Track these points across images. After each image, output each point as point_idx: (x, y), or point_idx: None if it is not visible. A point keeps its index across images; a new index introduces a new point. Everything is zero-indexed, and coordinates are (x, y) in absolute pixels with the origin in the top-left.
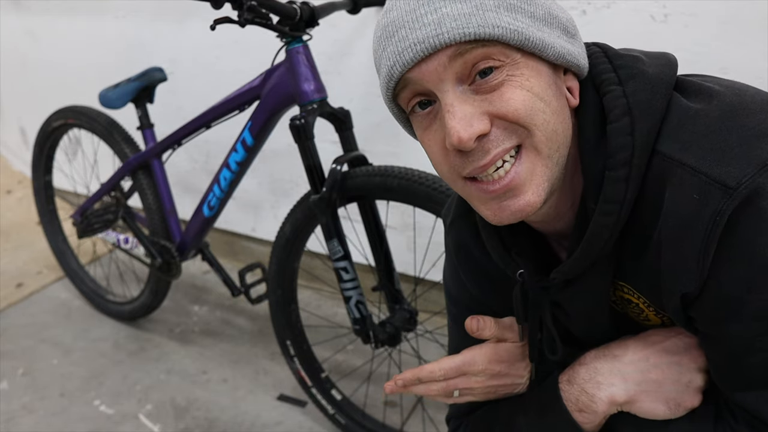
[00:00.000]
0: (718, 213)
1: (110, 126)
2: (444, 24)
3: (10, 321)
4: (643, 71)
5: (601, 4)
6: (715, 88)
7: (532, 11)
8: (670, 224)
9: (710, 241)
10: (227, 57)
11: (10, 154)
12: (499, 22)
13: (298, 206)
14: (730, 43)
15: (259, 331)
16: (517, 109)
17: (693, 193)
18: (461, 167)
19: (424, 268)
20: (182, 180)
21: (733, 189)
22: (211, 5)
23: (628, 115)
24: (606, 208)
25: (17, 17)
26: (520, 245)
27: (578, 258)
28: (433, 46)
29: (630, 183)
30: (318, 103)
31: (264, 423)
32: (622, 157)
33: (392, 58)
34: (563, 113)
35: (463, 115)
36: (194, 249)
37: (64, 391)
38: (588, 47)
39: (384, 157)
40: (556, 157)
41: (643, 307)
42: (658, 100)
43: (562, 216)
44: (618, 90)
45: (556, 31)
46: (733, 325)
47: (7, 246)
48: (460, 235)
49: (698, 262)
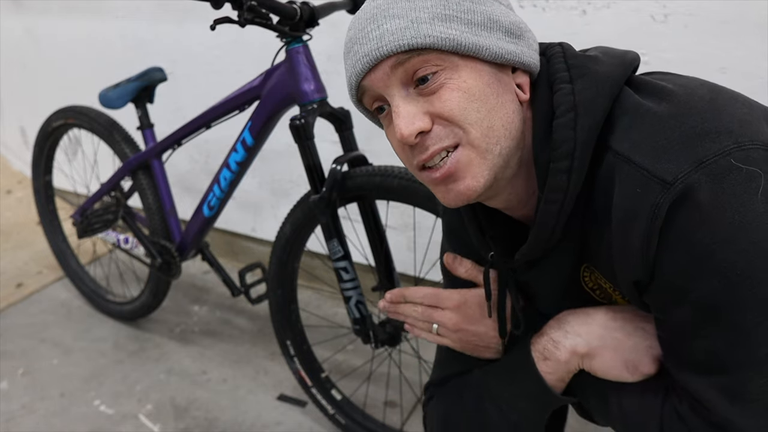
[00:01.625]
0: (657, 206)
1: (110, 126)
2: (384, 38)
3: (10, 321)
4: (594, 70)
5: (601, 4)
6: (668, 87)
7: (469, 18)
8: (618, 216)
9: (651, 232)
10: (227, 57)
11: (10, 154)
12: (432, 32)
13: (298, 206)
14: (730, 43)
15: (259, 331)
16: (452, 109)
17: (636, 188)
18: (411, 159)
19: (424, 268)
20: (182, 180)
21: (669, 184)
22: (211, 5)
23: (572, 111)
24: (550, 196)
25: (17, 17)
26: (495, 229)
27: (532, 242)
28: (376, 58)
29: (572, 174)
30: (318, 103)
31: (264, 423)
32: (564, 150)
33: (350, 70)
34: (505, 108)
35: (406, 114)
36: (194, 249)
37: (64, 391)
38: (551, 47)
39: (384, 157)
40: (497, 149)
41: (610, 291)
42: (603, 98)
43: (524, 202)
44: (567, 87)
45: (496, 33)
46: (677, 312)
47: (7, 246)
48: (450, 220)
49: (642, 251)
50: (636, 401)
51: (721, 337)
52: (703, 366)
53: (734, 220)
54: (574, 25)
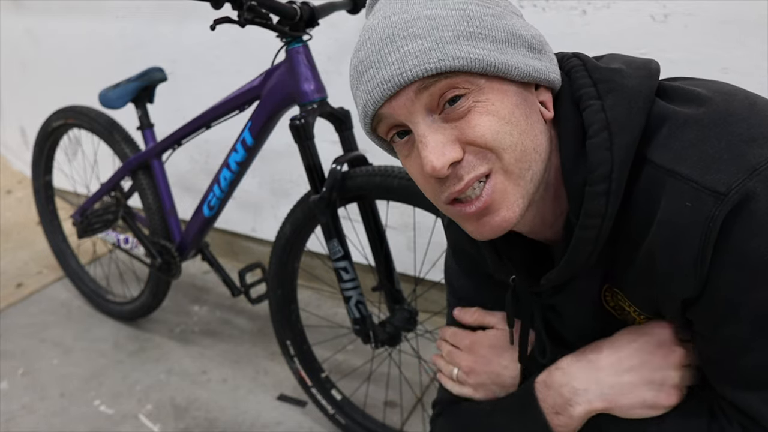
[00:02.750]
0: (711, 219)
1: (110, 126)
2: (406, 62)
3: (10, 321)
4: (623, 85)
5: (601, 4)
6: (704, 94)
7: (494, 35)
8: (664, 232)
9: (706, 246)
10: (227, 57)
11: (10, 154)
12: (459, 53)
13: (298, 206)
14: (730, 43)
15: (259, 331)
16: (484, 134)
17: (685, 201)
18: (440, 192)
19: (424, 268)
20: (182, 180)
21: (724, 195)
22: (211, 5)
23: (606, 130)
24: (587, 222)
25: (17, 17)
26: (513, 252)
27: (563, 268)
28: (398, 84)
29: (610, 197)
30: (318, 103)
31: (264, 423)
32: (601, 173)
33: (364, 97)
34: (534, 130)
35: (435, 144)
36: (194, 249)
37: (64, 391)
38: (568, 59)
39: (384, 157)
40: (529, 174)
41: (634, 315)
42: (637, 113)
43: (550, 224)
44: (597, 104)
45: (521, 50)
46: (729, 327)
47: (7, 246)
48: (456, 237)
49: (695, 267)
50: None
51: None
52: (756, 382)
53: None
54: (574, 25)
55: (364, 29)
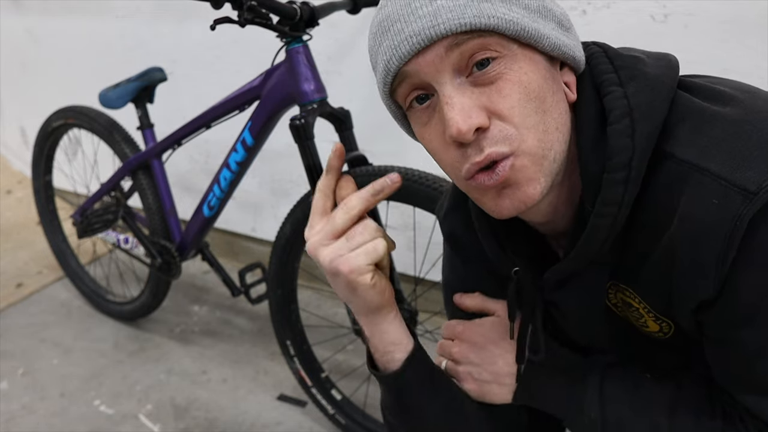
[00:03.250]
0: (739, 217)
1: (110, 126)
2: (440, 15)
3: (10, 321)
4: (645, 72)
5: (601, 4)
6: (728, 91)
7: (527, 3)
8: (686, 228)
9: (730, 245)
10: (227, 57)
11: (10, 154)
12: (495, 12)
13: (298, 206)
14: (730, 43)
15: (259, 331)
16: (513, 107)
17: (712, 198)
18: (460, 164)
19: (424, 268)
20: (182, 180)
21: (753, 194)
22: (211, 5)
23: (628, 116)
24: (603, 210)
25: (17, 17)
26: (516, 243)
27: (573, 258)
28: (429, 38)
29: (628, 185)
30: (318, 103)
31: (264, 423)
32: (621, 160)
33: (389, 52)
34: (559, 108)
35: (461, 106)
36: (194, 249)
37: (64, 391)
38: (588, 46)
39: (384, 157)
40: (552, 154)
41: (642, 312)
42: (660, 102)
43: (561, 214)
44: (619, 91)
45: (550, 23)
46: (747, 330)
47: (7, 246)
48: (453, 228)
49: (717, 266)
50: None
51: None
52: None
53: None
54: (574, 25)
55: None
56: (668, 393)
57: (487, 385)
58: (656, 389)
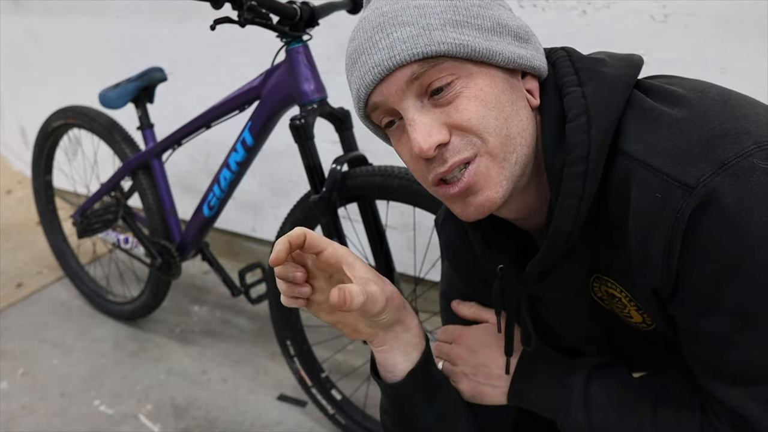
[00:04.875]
0: (679, 210)
1: (110, 126)
2: (395, 47)
3: (10, 321)
4: (603, 73)
5: (601, 4)
6: (679, 92)
7: (479, 24)
8: (636, 222)
9: (673, 237)
10: (227, 57)
11: (10, 154)
12: (445, 38)
13: (298, 206)
14: (730, 43)
15: (259, 331)
16: (470, 118)
17: (656, 192)
18: (427, 174)
19: (424, 268)
20: (182, 180)
21: (692, 187)
22: (211, 5)
23: (585, 114)
24: (565, 202)
25: (17, 17)
26: (501, 241)
27: (546, 251)
28: (387, 68)
29: (587, 178)
30: (318, 103)
31: (264, 423)
32: (579, 154)
33: (357, 83)
34: (519, 115)
35: (423, 127)
36: (194, 249)
37: (64, 391)
38: (555, 51)
39: (384, 157)
40: (513, 157)
41: (625, 301)
42: (615, 100)
43: (536, 211)
44: (577, 91)
45: (506, 38)
46: (708, 321)
47: (7, 246)
48: (449, 235)
49: (663, 258)
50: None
51: (759, 345)
52: (742, 377)
53: (763, 221)
54: (574, 25)
55: (358, 21)
56: (651, 391)
57: (480, 386)
58: (640, 388)
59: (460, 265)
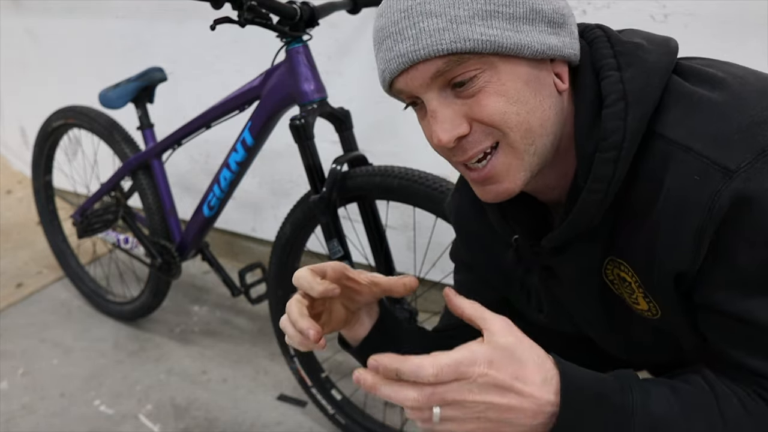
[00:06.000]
0: (717, 193)
1: (110, 126)
2: (421, 40)
3: (10, 321)
4: (643, 59)
5: (601, 4)
6: (719, 75)
7: (512, 12)
8: (671, 203)
9: (708, 221)
10: (227, 57)
11: (10, 154)
12: (471, 35)
13: (298, 206)
14: (730, 43)
15: (259, 331)
16: (491, 114)
17: (694, 174)
18: (449, 157)
19: (424, 268)
20: (182, 180)
21: (733, 171)
22: (211, 5)
23: (623, 100)
24: (595, 186)
25: (17, 17)
26: (518, 212)
27: (565, 229)
28: (412, 60)
29: (618, 164)
30: (318, 103)
31: (264, 423)
32: (613, 141)
33: (382, 65)
34: (542, 106)
35: (443, 119)
36: (194, 249)
37: (64, 391)
38: (591, 30)
39: (384, 157)
40: (533, 149)
41: (634, 287)
42: (653, 87)
43: (554, 186)
44: (616, 75)
45: (539, 26)
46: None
47: (7, 246)
48: (460, 203)
49: (695, 240)
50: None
51: None
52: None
53: None
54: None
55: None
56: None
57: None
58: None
59: (468, 234)
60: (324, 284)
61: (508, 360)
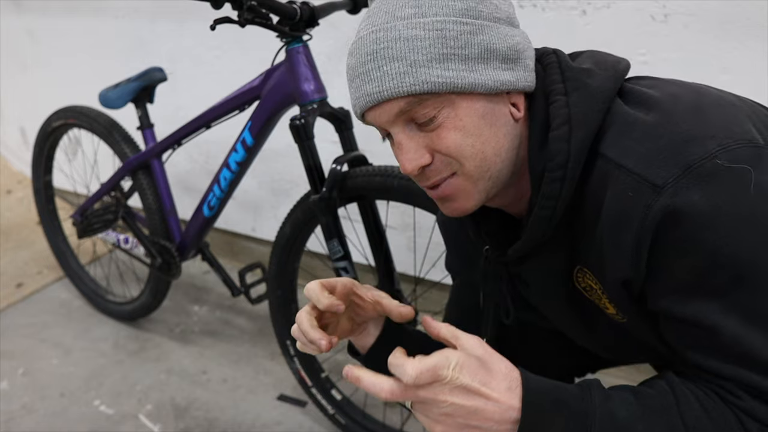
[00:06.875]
0: (648, 207)
1: (110, 126)
2: (384, 82)
3: (10, 321)
4: (587, 84)
5: (601, 4)
6: (655, 96)
7: (467, 54)
8: (609, 218)
9: (643, 231)
10: (227, 57)
11: (10, 154)
12: (429, 77)
13: (298, 206)
14: (731, 43)
15: (259, 331)
16: (449, 147)
17: (628, 191)
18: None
19: (424, 268)
20: (182, 180)
21: (660, 187)
22: (211, 5)
23: (567, 124)
24: (544, 203)
25: (17, 17)
26: (489, 224)
27: (525, 241)
28: (377, 100)
29: (564, 182)
30: (318, 103)
31: (264, 423)
32: (558, 161)
33: (353, 100)
34: (497, 136)
35: (408, 150)
36: (194, 249)
37: (64, 391)
38: (547, 55)
39: (384, 157)
40: (488, 175)
41: (600, 293)
42: (596, 112)
43: (517, 203)
44: (562, 100)
45: (493, 63)
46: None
47: (7, 246)
48: (446, 217)
49: (633, 251)
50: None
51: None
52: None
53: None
54: (574, 25)
55: (357, 35)
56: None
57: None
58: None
59: (451, 238)
60: (330, 299)
61: (477, 367)
